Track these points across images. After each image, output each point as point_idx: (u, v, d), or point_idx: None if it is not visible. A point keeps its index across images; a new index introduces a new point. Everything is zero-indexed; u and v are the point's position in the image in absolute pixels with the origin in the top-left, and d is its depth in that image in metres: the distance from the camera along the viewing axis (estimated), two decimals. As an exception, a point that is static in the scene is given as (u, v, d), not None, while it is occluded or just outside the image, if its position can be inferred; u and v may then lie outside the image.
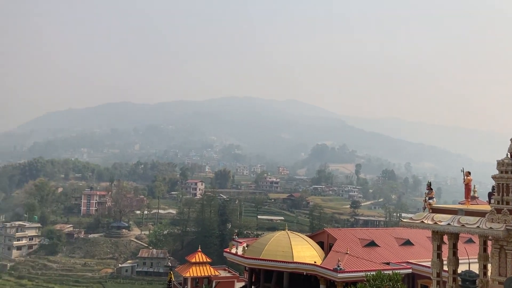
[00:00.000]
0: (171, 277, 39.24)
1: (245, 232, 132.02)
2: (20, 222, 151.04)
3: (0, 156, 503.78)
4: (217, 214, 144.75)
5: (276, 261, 50.02)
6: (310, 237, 59.55)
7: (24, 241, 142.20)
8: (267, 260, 50.24)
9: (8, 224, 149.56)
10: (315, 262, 49.12)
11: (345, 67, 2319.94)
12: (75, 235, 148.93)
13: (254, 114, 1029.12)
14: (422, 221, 24.26)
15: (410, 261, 49.24)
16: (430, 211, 24.85)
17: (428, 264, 32.07)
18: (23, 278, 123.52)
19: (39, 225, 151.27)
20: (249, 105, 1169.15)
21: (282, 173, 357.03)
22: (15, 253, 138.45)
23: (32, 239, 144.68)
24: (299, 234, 59.60)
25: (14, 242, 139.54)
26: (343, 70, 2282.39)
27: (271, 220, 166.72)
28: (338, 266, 44.69)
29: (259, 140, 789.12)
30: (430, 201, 25.21)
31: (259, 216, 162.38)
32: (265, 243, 52.76)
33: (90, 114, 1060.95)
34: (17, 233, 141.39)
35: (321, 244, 56.67)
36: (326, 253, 53.28)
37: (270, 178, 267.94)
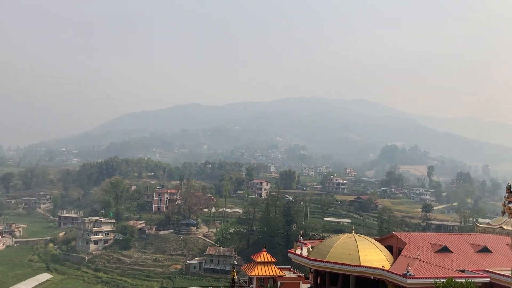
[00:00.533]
0: (234, 275, 39.49)
1: (310, 233, 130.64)
2: (97, 218, 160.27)
3: (79, 155, 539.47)
4: (282, 215, 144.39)
5: (342, 264, 48.84)
6: (378, 240, 57.61)
7: (100, 236, 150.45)
8: (333, 262, 49.19)
9: (86, 220, 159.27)
10: (383, 266, 47.40)
11: (414, 66, 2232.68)
12: (146, 231, 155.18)
13: (320, 114, 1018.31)
14: (501, 227, 22.46)
15: (487, 269, 46.02)
16: (510, 216, 22.93)
17: (508, 273, 29.70)
18: (99, 270, 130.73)
19: (114, 221, 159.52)
20: (315, 105, 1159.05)
21: (349, 175, 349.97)
22: (92, 246, 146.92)
23: (107, 234, 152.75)
24: (366, 237, 57.78)
25: (92, 237, 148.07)
26: (412, 69, 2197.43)
27: (338, 222, 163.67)
28: (408, 272, 42.80)
29: (326, 140, 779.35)
30: (510, 205, 23.27)
31: (325, 218, 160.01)
32: (331, 245, 51.71)
33: (162, 116, 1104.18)
34: (94, 228, 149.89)
35: (389, 248, 54.63)
36: (395, 258, 51.27)
37: (336, 180, 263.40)
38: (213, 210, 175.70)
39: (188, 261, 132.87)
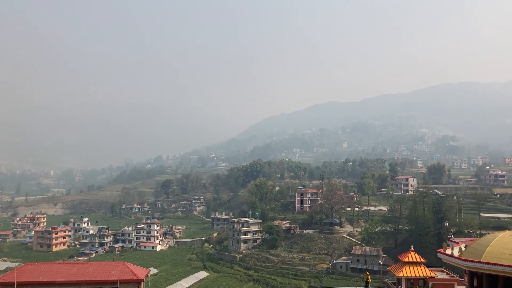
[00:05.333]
0: (368, 278, 37.84)
1: (465, 231, 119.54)
2: (245, 218, 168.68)
3: (227, 160, 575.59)
4: (432, 212, 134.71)
5: (503, 265, 43.41)
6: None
7: (249, 236, 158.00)
8: (491, 263, 44.01)
9: (236, 220, 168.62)
10: (554, 269, 40.87)
11: None
12: (291, 231, 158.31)
13: (471, 100, 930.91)
14: None
15: None
16: None
17: None
18: (250, 269, 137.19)
19: (260, 221, 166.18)
20: (464, 91, 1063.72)
21: (510, 165, 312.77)
22: (242, 246, 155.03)
23: (255, 234, 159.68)
24: (532, 234, 50.55)
25: (241, 236, 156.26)
26: None
27: (498, 218, 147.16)
28: None
29: (479, 128, 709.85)
30: None
31: (482, 214, 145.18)
32: (487, 244, 46.35)
33: (300, 117, 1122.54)
34: (243, 228, 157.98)
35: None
36: None
37: (494, 171, 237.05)
38: (356, 209, 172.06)
39: (334, 261, 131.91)
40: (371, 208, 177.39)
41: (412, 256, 65.19)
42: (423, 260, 64.69)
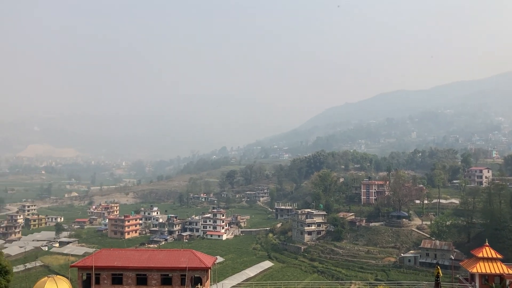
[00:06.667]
0: (438, 272, 36.27)
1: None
2: (309, 210, 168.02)
3: (290, 151, 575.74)
4: (509, 205, 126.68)
5: None
6: None
7: (313, 227, 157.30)
8: None
9: (299, 211, 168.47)
10: None
11: None
12: (357, 223, 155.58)
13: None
14: None
15: None
16: None
17: None
18: (314, 260, 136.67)
19: (324, 212, 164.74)
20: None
21: None
22: (306, 237, 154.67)
23: (319, 226, 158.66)
24: None
25: (305, 228, 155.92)
26: None
27: None
28: None
29: None
30: None
31: None
32: None
33: (365, 106, 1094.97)
34: (307, 220, 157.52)
35: None
36: None
37: None
38: (425, 202, 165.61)
39: (402, 254, 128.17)
40: (441, 200, 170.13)
41: (487, 251, 62.00)
42: (499, 256, 61.39)
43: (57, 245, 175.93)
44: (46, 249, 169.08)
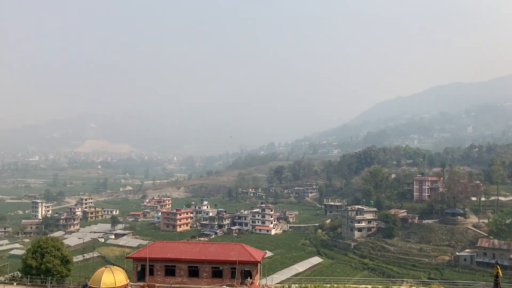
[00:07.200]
0: (498, 271, 34.66)
1: None
2: (359, 206, 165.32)
3: (339, 147, 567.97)
4: None
5: None
6: None
7: (363, 224, 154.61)
8: None
9: (349, 208, 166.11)
10: None
11: None
12: (409, 220, 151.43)
13: None
14: None
15: None
16: None
17: None
18: (364, 257, 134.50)
19: (375, 209, 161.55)
20: None
21: None
22: (356, 234, 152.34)
23: (370, 222, 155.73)
24: None
25: (355, 224, 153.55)
26: None
27: None
28: None
29: None
30: None
31: None
32: None
33: (418, 100, 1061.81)
34: (357, 216, 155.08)
35: None
36: None
37: None
38: (482, 199, 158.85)
39: (457, 253, 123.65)
40: (500, 198, 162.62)
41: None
42: None
43: (113, 237, 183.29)
44: (103, 240, 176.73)
